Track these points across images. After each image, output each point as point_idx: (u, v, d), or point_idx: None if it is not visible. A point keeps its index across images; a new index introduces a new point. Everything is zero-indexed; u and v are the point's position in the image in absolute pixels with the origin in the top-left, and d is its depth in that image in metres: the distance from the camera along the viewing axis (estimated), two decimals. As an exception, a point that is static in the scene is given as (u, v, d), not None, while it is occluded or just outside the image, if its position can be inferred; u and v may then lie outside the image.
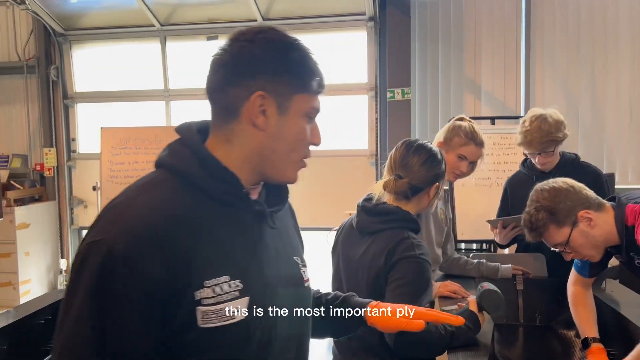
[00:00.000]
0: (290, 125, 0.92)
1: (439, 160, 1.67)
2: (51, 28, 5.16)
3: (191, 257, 0.83)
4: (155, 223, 0.82)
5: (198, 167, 0.89)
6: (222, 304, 0.84)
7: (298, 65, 0.91)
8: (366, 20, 4.80)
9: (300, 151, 0.94)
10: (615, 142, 4.54)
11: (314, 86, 0.93)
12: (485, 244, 4.07)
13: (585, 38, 4.54)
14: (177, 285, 0.81)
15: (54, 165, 5.34)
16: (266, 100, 0.89)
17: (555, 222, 1.59)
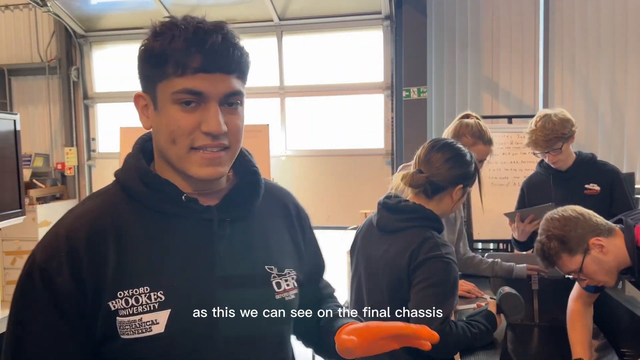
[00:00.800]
0: (161, 117, 0.86)
1: (466, 161, 1.60)
2: (72, 30, 5.25)
3: (106, 268, 0.83)
4: (73, 236, 0.83)
5: (136, 177, 0.89)
6: (137, 316, 0.82)
7: (153, 55, 0.85)
8: (382, 19, 4.80)
9: (182, 142, 0.85)
10: (635, 141, 4.47)
11: (170, 70, 0.83)
12: (502, 243, 4.03)
13: (605, 36, 4.47)
14: (88, 297, 0.82)
15: (74, 164, 5.44)
16: (145, 99, 0.89)
17: (567, 250, 1.59)
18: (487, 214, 3.77)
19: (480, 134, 2.08)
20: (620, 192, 2.36)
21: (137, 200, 0.88)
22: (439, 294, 1.45)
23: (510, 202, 2.69)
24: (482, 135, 2.08)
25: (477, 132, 2.08)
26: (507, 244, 3.95)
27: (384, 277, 1.57)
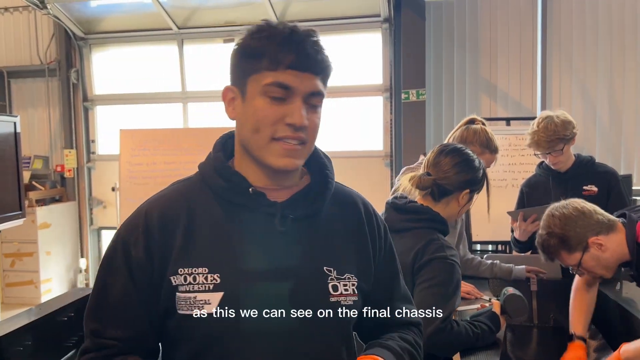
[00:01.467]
0: (248, 107, 0.93)
1: (474, 167, 1.63)
2: (72, 32, 5.27)
3: (173, 245, 0.92)
4: (150, 214, 0.95)
5: (212, 169, 0.98)
6: (192, 293, 0.89)
7: (247, 50, 0.92)
8: (381, 22, 4.82)
9: (265, 131, 0.90)
10: (633, 144, 4.49)
11: (264, 64, 0.90)
12: (500, 245, 4.06)
13: (602, 38, 4.50)
14: (156, 270, 0.92)
15: (74, 166, 5.44)
16: (234, 92, 0.95)
17: (566, 248, 1.63)
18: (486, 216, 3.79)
19: (488, 143, 2.08)
20: (618, 194, 2.39)
21: (211, 189, 0.97)
22: (441, 294, 1.47)
23: (508, 204, 2.70)
24: (489, 144, 2.08)
25: (484, 141, 2.08)
26: (506, 246, 3.97)
27: None
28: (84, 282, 5.47)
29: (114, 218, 5.25)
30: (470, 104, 4.75)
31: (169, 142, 4.67)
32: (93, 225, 5.56)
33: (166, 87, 5.31)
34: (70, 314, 2.25)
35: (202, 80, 5.23)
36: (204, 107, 5.28)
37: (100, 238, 5.67)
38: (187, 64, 5.25)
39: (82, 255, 5.53)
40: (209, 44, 5.21)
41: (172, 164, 4.64)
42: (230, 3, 4.93)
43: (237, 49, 0.94)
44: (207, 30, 5.13)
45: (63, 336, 2.21)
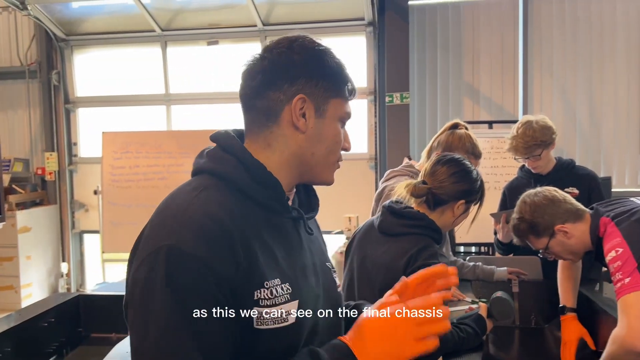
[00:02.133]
0: (327, 128, 0.95)
1: (471, 178, 1.63)
2: (53, 33, 5.20)
3: (254, 257, 0.84)
4: (223, 222, 0.82)
5: (244, 173, 0.91)
6: (277, 307, 0.85)
7: (334, 71, 0.95)
8: (365, 26, 4.84)
9: (336, 153, 0.98)
10: (612, 146, 4.58)
11: (347, 92, 0.96)
12: (483, 247, 4.10)
13: (582, 43, 4.58)
14: (243, 284, 0.82)
15: (55, 169, 5.37)
16: (306, 104, 0.92)
17: (534, 233, 1.76)
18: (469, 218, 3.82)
19: (473, 149, 2.09)
20: (598, 196, 2.43)
21: (248, 196, 0.90)
22: None
23: (491, 206, 2.73)
24: (474, 150, 2.10)
25: (469, 147, 2.08)
26: (489, 247, 4.01)
27: (378, 276, 1.60)
28: (65, 286, 5.40)
29: (96, 221, 5.19)
30: (454, 107, 4.80)
31: (152, 144, 4.64)
32: (75, 228, 5.50)
33: (149, 90, 5.27)
34: (51, 320, 2.22)
35: (185, 83, 5.20)
36: (188, 110, 5.26)
37: (82, 242, 5.60)
38: (171, 66, 5.22)
39: (63, 260, 5.46)
40: (193, 46, 5.19)
41: (155, 166, 4.61)
42: (214, 5, 4.92)
43: (313, 63, 0.93)
44: (191, 33, 5.11)
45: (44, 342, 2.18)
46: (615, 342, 1.49)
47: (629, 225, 1.56)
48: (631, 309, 1.45)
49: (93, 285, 5.17)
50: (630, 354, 1.46)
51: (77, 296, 2.53)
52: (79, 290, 5.48)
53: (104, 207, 4.72)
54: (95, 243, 5.47)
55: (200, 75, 5.18)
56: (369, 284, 1.63)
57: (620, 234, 1.56)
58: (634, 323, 1.43)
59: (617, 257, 1.52)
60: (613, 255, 1.53)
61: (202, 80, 5.18)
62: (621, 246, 1.53)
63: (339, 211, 4.15)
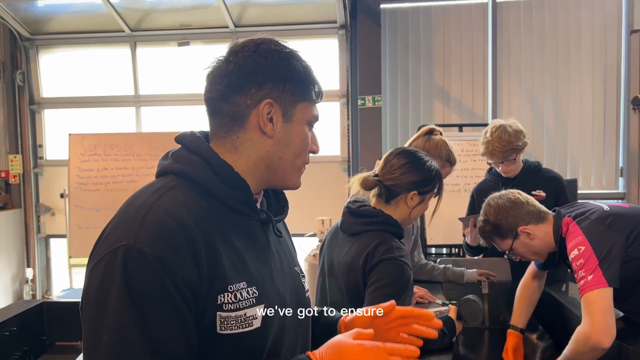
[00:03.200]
0: (295, 132, 0.95)
1: (422, 169, 1.62)
2: (17, 32, 5.05)
3: (217, 260, 0.82)
4: (184, 223, 0.80)
5: (210, 174, 0.89)
6: (242, 310, 0.84)
7: (301, 74, 0.95)
8: (337, 29, 4.86)
9: (304, 157, 0.98)
10: (577, 150, 4.70)
11: (314, 95, 0.97)
12: (454, 248, 4.14)
13: (549, 48, 4.69)
14: (205, 287, 0.80)
15: (19, 172, 5.21)
16: (273, 108, 0.92)
17: (498, 235, 1.80)
18: (440, 220, 3.87)
19: (449, 156, 2.10)
20: (564, 198, 2.49)
21: (214, 197, 0.88)
22: (391, 295, 1.47)
23: (461, 208, 2.77)
24: (449, 157, 2.11)
25: (445, 154, 2.09)
26: (459, 249, 4.06)
27: (343, 277, 1.61)
28: (30, 292, 5.24)
29: (63, 225, 5.06)
30: (425, 110, 4.85)
31: (121, 147, 4.55)
32: (40, 233, 5.34)
33: (118, 91, 5.17)
34: (13, 328, 2.15)
35: (155, 84, 5.12)
36: (158, 111, 5.18)
37: (48, 246, 5.45)
38: (141, 67, 5.13)
39: (28, 265, 5.30)
40: (163, 47, 5.11)
41: (124, 169, 4.52)
42: (185, 6, 4.86)
43: (280, 67, 0.92)
44: (161, 33, 5.03)
45: (6, 351, 2.11)
46: (579, 339, 1.52)
47: (589, 224, 1.61)
48: (595, 305, 1.48)
49: (59, 291, 5.04)
50: (594, 351, 1.48)
51: (41, 303, 2.46)
52: (45, 296, 5.33)
53: (70, 211, 4.60)
54: (62, 248, 5.33)
55: (171, 76, 5.11)
56: (338, 285, 1.64)
57: (581, 232, 1.60)
58: (598, 320, 1.46)
59: (579, 255, 1.56)
60: (575, 254, 1.57)
61: (173, 81, 5.11)
62: (583, 244, 1.57)
63: (312, 214, 4.14)
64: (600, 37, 4.63)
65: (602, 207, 1.69)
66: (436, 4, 4.81)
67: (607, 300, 1.49)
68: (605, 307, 1.48)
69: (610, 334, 1.47)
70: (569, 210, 1.74)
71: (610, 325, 1.47)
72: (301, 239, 4.36)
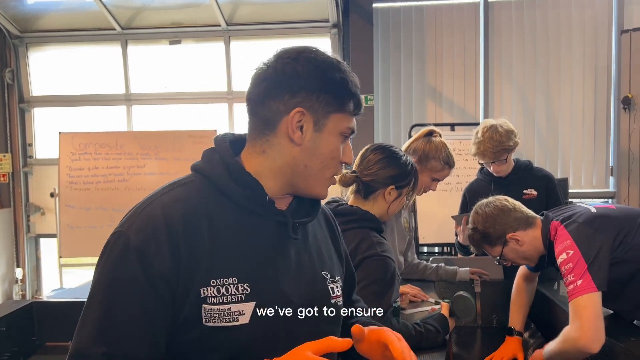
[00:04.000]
0: (324, 142, 0.95)
1: (398, 163, 1.63)
2: (6, 30, 5.00)
3: (201, 254, 0.86)
4: (172, 217, 0.86)
5: (224, 172, 0.93)
6: (226, 305, 0.86)
7: (338, 85, 0.94)
8: (330, 27, 4.85)
9: (332, 168, 0.97)
10: (568, 149, 4.73)
11: (351, 107, 0.96)
12: (446, 247, 4.16)
13: (540, 49, 4.71)
14: (184, 279, 0.84)
15: (9, 171, 5.16)
16: (304, 117, 0.92)
17: (488, 242, 1.82)
18: (432, 219, 3.88)
19: (448, 159, 2.09)
20: (555, 197, 2.50)
21: (225, 195, 0.92)
22: (376, 292, 1.49)
23: (453, 207, 2.77)
24: (449, 160, 2.10)
25: (446, 157, 2.09)
26: (451, 247, 4.07)
27: None
28: (20, 293, 5.19)
29: (53, 225, 5.01)
30: (417, 110, 4.86)
31: (112, 145, 4.52)
32: (30, 232, 5.29)
33: (109, 89, 5.13)
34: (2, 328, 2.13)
35: (147, 83, 5.09)
36: (149, 110, 5.14)
37: (38, 246, 5.40)
38: (132, 66, 5.09)
39: (17, 265, 5.24)
40: (154, 45, 5.08)
41: (115, 168, 4.49)
42: (177, 4, 4.83)
43: (323, 77, 0.93)
44: (152, 31, 5.00)
45: (-6, 352, 2.08)
46: (567, 342, 1.54)
47: (577, 227, 1.62)
48: (584, 310, 1.49)
49: (49, 291, 4.99)
50: (582, 354, 1.50)
51: (31, 303, 2.43)
52: (35, 296, 5.28)
53: (61, 210, 4.56)
54: (52, 247, 5.28)
55: (163, 75, 5.08)
56: None
57: (569, 235, 1.61)
58: (588, 325, 1.47)
59: (568, 259, 1.57)
60: (564, 258, 1.58)
61: (165, 80, 5.08)
62: (571, 248, 1.58)
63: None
64: (590, 37, 4.66)
65: (589, 209, 1.70)
66: (428, 4, 4.82)
67: (596, 305, 1.50)
68: (595, 312, 1.49)
69: (599, 340, 1.49)
70: (557, 214, 1.76)
71: (599, 331, 1.49)
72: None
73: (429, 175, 2.09)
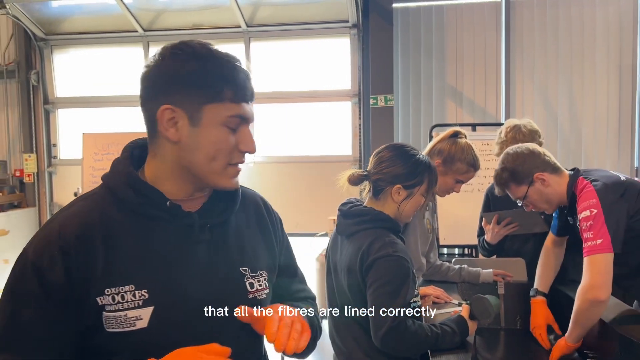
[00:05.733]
0: (204, 135, 0.92)
1: (408, 162, 1.60)
2: (32, 32, 5.10)
3: (95, 265, 0.89)
4: (65, 234, 0.90)
5: (123, 182, 0.94)
6: (123, 312, 0.89)
7: (207, 76, 0.92)
8: (349, 28, 4.85)
9: (222, 160, 0.95)
10: (592, 149, 4.65)
11: (228, 95, 0.93)
12: (467, 248, 4.13)
13: (563, 48, 4.65)
14: (78, 290, 0.88)
15: (34, 171, 5.26)
16: (176, 113, 0.91)
17: (515, 181, 1.88)
18: (453, 220, 3.85)
19: (474, 161, 2.08)
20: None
21: (124, 204, 0.94)
22: (389, 292, 1.48)
23: (474, 208, 2.75)
24: (474, 162, 2.09)
25: (471, 159, 2.07)
26: (472, 249, 4.04)
27: (344, 279, 1.62)
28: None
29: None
30: (437, 110, 4.83)
31: (134, 146, 4.57)
32: (54, 231, 5.39)
33: (131, 90, 5.20)
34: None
35: (168, 84, 5.14)
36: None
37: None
38: (153, 67, 5.15)
39: (42, 263, 5.35)
40: (176, 47, 5.13)
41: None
42: (197, 6, 4.88)
43: (182, 72, 0.91)
44: (174, 33, 5.05)
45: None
46: (579, 297, 1.61)
47: (605, 190, 1.69)
48: (596, 266, 1.59)
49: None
50: (594, 306, 1.59)
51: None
52: (59, 294, 5.37)
53: (84, 210, 4.63)
54: (75, 246, 5.37)
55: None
56: (342, 287, 1.64)
57: (597, 195, 1.68)
58: (596, 278, 1.57)
59: (590, 216, 1.65)
60: (587, 214, 1.66)
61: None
62: (596, 207, 1.65)
63: (323, 213, 4.14)
64: (615, 35, 4.58)
65: (619, 176, 1.78)
66: (449, 3, 4.79)
67: (608, 263, 1.59)
68: (606, 268, 1.58)
69: (606, 288, 1.57)
70: (586, 173, 1.82)
71: (606, 281, 1.57)
72: (313, 238, 4.36)
73: (453, 177, 2.08)
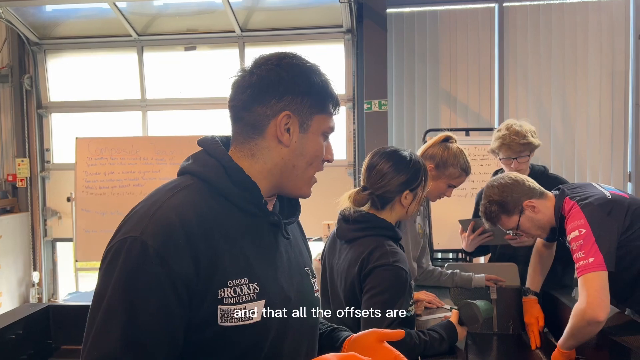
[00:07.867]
0: (310, 142, 1.01)
1: (407, 167, 1.61)
2: (25, 37, 5.09)
3: (218, 256, 0.89)
4: (188, 221, 0.87)
5: (223, 175, 0.96)
6: (241, 305, 0.90)
7: (319, 88, 1.00)
8: (344, 33, 4.86)
9: (317, 167, 1.04)
10: (585, 154, 4.67)
11: (331, 108, 1.02)
12: (460, 253, 4.12)
13: (556, 53, 4.67)
14: (203, 282, 0.87)
15: (27, 175, 5.23)
16: (291, 119, 0.98)
17: (505, 212, 1.88)
18: (446, 225, 3.85)
19: (465, 166, 2.08)
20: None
21: (224, 197, 0.95)
22: (384, 301, 1.48)
23: (467, 213, 2.75)
24: (466, 167, 2.09)
25: (463, 164, 2.08)
26: (465, 254, 4.03)
27: (340, 284, 1.62)
28: (37, 296, 5.25)
29: (69, 229, 5.07)
30: (431, 115, 4.84)
31: (127, 150, 4.56)
32: (47, 236, 5.35)
33: (125, 95, 5.19)
34: (19, 331, 2.15)
35: (162, 88, 5.14)
36: (164, 116, 5.19)
37: (54, 250, 5.46)
38: (147, 72, 5.14)
39: (34, 269, 5.31)
40: (170, 52, 5.13)
41: (131, 173, 4.53)
42: (192, 11, 4.87)
43: (300, 81, 0.98)
44: (168, 38, 5.05)
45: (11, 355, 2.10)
46: (576, 315, 1.61)
47: (591, 209, 1.70)
48: (592, 283, 1.58)
49: (65, 294, 5.04)
50: (591, 325, 1.58)
51: (47, 307, 2.46)
52: (51, 300, 5.33)
53: (77, 215, 4.61)
54: (68, 251, 5.34)
55: (178, 81, 5.12)
56: (336, 291, 1.64)
57: (584, 215, 1.69)
58: (593, 296, 1.57)
59: (580, 236, 1.66)
60: (576, 235, 1.67)
61: (180, 86, 5.13)
62: (584, 227, 1.66)
63: (318, 218, 4.12)
64: (607, 42, 4.61)
65: (604, 193, 1.77)
66: (442, 8, 4.81)
67: (603, 281, 1.59)
68: (601, 285, 1.58)
69: (604, 308, 1.56)
70: (572, 192, 1.82)
71: (604, 300, 1.57)
72: (307, 243, 4.35)
73: (445, 181, 2.08)
